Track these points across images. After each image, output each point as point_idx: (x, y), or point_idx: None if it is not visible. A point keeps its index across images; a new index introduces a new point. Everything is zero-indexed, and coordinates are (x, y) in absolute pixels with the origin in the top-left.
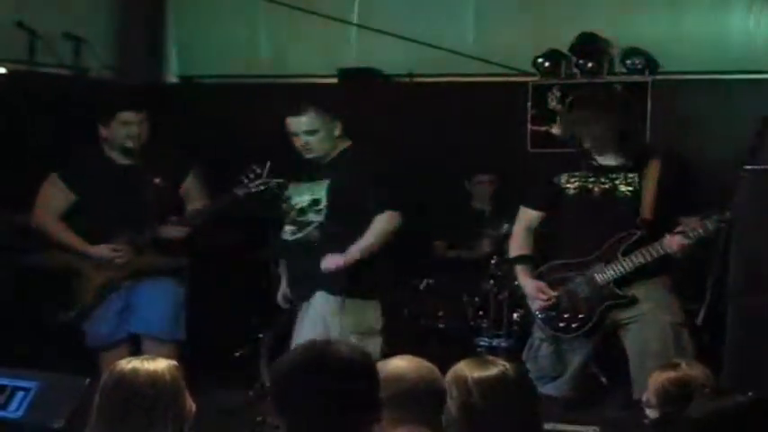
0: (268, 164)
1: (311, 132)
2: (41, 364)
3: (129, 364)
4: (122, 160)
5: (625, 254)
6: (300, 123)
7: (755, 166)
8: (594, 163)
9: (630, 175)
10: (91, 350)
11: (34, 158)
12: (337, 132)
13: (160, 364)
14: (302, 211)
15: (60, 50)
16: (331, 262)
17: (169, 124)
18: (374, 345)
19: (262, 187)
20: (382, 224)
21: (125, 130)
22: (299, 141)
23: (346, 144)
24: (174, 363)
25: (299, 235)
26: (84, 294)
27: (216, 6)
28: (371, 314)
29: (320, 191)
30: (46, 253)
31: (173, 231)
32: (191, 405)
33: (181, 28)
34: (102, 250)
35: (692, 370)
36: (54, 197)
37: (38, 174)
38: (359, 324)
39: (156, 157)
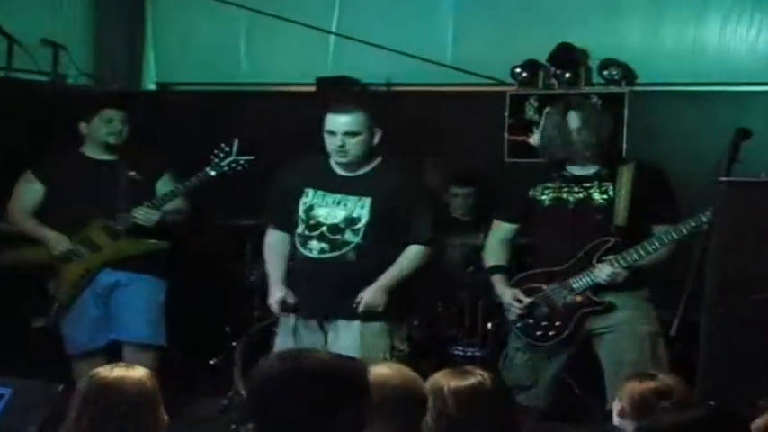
0: (236, 141)
1: (352, 134)
2: (14, 371)
3: (111, 371)
4: (100, 156)
5: (600, 261)
6: (342, 122)
7: (731, 178)
8: (567, 173)
9: (604, 184)
10: (69, 357)
11: (10, 164)
12: (376, 141)
13: (141, 372)
14: (336, 228)
15: (38, 57)
16: (376, 304)
17: (147, 131)
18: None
19: (233, 165)
20: (418, 258)
21: (107, 128)
22: (335, 141)
23: (379, 158)
24: (149, 371)
25: (333, 254)
26: (61, 291)
27: (195, 14)
28: (402, 336)
29: (358, 208)
30: (20, 250)
31: (145, 214)
32: (165, 415)
33: (159, 35)
34: (61, 240)
35: (670, 380)
36: (26, 192)
37: (13, 180)
38: (396, 346)
39: (133, 153)
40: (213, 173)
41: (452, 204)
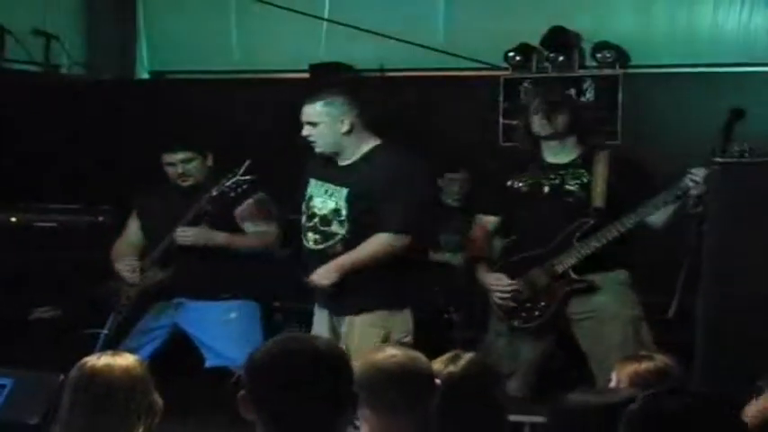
0: (246, 162)
1: (312, 124)
2: (15, 362)
3: (99, 360)
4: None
5: (580, 241)
6: (304, 112)
7: (725, 159)
8: (544, 163)
9: (578, 171)
10: None
11: (5, 153)
12: (344, 129)
13: (129, 359)
14: (325, 220)
15: (31, 47)
16: (322, 278)
17: (140, 120)
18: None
19: (233, 185)
20: (381, 246)
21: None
22: (304, 132)
23: (371, 145)
24: (138, 358)
25: (322, 246)
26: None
27: (186, 2)
28: (402, 327)
29: (341, 199)
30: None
31: (180, 234)
32: (159, 399)
33: (151, 23)
34: (119, 265)
35: (668, 360)
36: (127, 228)
37: (9, 168)
38: (395, 338)
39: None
40: (216, 193)
41: (447, 190)
